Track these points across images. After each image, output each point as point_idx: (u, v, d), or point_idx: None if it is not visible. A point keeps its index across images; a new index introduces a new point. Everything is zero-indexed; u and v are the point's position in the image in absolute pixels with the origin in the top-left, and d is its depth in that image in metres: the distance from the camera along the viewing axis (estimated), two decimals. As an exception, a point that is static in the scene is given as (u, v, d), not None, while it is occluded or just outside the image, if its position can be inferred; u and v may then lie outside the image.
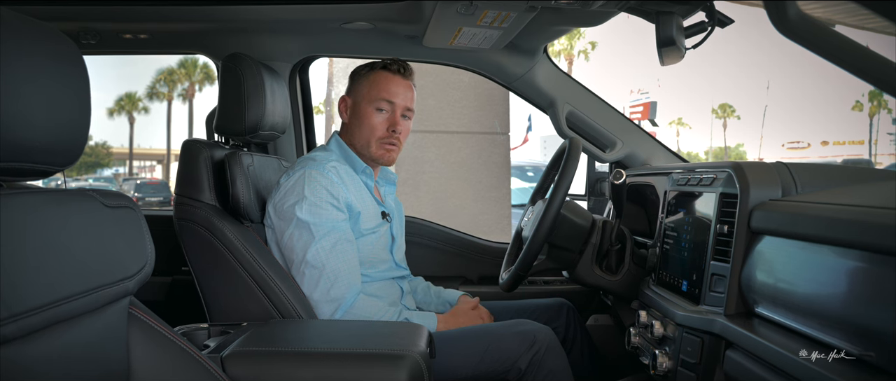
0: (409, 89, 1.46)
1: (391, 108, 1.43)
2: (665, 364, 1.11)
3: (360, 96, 1.46)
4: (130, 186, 21.25)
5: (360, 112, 1.45)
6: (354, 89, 1.48)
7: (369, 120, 1.43)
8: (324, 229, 1.30)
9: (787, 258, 0.88)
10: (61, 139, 0.62)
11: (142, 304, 0.76)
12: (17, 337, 0.55)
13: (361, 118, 1.44)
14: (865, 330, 0.71)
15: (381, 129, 1.43)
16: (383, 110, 1.43)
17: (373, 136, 1.43)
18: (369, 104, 1.43)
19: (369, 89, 1.44)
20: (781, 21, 0.83)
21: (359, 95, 1.46)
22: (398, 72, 1.45)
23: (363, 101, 1.44)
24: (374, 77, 1.45)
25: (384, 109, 1.43)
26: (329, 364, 1.01)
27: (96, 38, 1.69)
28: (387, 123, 1.43)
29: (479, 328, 1.38)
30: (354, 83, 1.49)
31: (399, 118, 1.44)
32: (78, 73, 0.64)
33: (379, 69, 1.46)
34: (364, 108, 1.44)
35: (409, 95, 1.46)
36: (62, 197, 0.64)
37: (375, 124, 1.43)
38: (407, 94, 1.45)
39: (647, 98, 20.82)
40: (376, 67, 1.46)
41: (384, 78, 1.44)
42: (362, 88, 1.45)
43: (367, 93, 1.44)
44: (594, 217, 1.43)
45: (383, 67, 1.46)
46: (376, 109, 1.43)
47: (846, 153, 38.85)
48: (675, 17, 1.29)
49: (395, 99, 1.43)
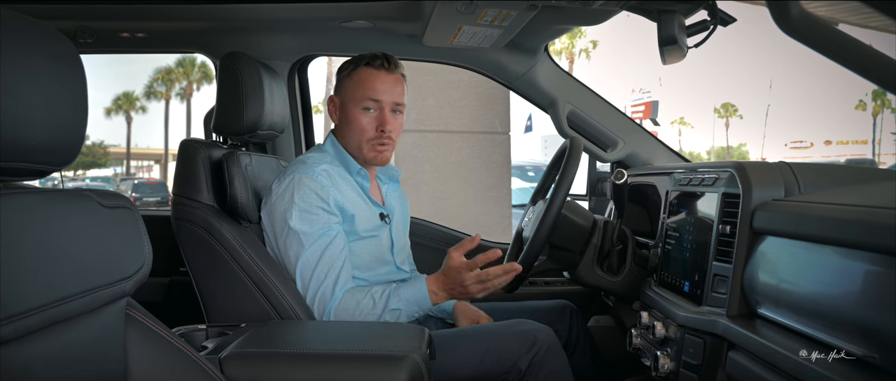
0: (397, 83, 1.39)
1: (378, 106, 1.37)
2: (667, 366, 1.11)
3: (346, 97, 1.39)
4: (128, 185, 21.26)
5: (347, 113, 1.39)
6: (341, 89, 1.42)
7: (357, 122, 1.37)
8: (313, 236, 1.28)
9: (790, 259, 0.87)
10: (58, 139, 0.61)
11: (139, 305, 0.75)
12: (15, 338, 0.55)
13: (349, 120, 1.38)
14: (869, 331, 0.70)
15: (370, 130, 1.37)
16: (370, 110, 1.37)
17: (363, 137, 1.38)
18: (356, 105, 1.37)
19: (354, 89, 1.38)
20: (784, 19, 0.83)
21: (345, 96, 1.40)
22: (382, 66, 1.37)
23: (349, 101, 1.38)
24: (357, 76, 1.38)
25: (371, 107, 1.37)
26: (328, 366, 1.00)
27: (93, 37, 1.69)
28: (375, 123, 1.37)
29: (479, 328, 1.37)
30: (340, 82, 1.43)
31: (388, 116, 1.37)
32: (75, 72, 0.63)
33: (362, 66, 1.38)
34: (351, 108, 1.38)
35: (398, 90, 1.39)
36: (59, 197, 0.64)
37: (363, 126, 1.37)
38: (394, 88, 1.38)
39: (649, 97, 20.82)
40: (360, 63, 1.39)
41: (368, 75, 1.37)
42: (347, 88, 1.39)
43: (353, 93, 1.38)
44: (595, 217, 1.42)
45: (367, 63, 1.38)
46: (363, 110, 1.37)
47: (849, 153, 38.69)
48: (677, 16, 1.28)
49: (381, 97, 1.36)
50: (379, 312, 1.28)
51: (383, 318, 1.28)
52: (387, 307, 1.28)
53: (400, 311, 1.29)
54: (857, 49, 0.81)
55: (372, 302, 1.28)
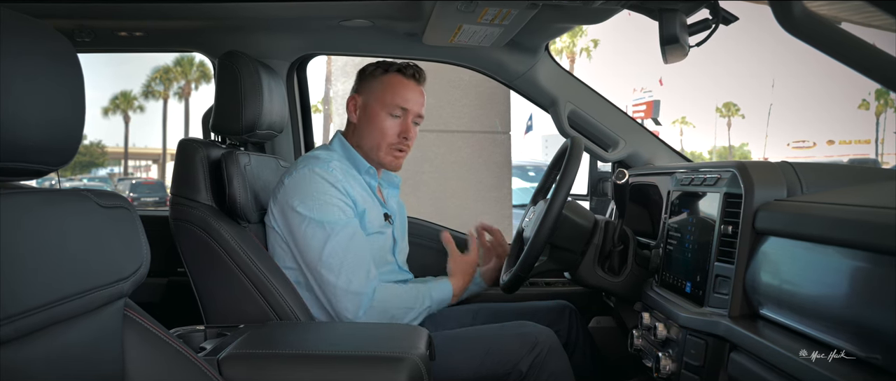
0: (421, 95, 1.46)
1: (405, 114, 1.42)
2: (668, 367, 1.10)
3: (372, 98, 1.43)
4: (126, 185, 21.22)
5: (371, 114, 1.42)
6: (365, 89, 1.45)
7: (381, 124, 1.41)
8: (337, 225, 1.29)
9: (793, 259, 0.87)
10: (56, 138, 0.61)
11: (137, 306, 0.75)
12: (13, 339, 0.54)
13: (373, 121, 1.42)
14: (872, 332, 0.70)
15: (393, 135, 1.42)
16: (397, 116, 1.42)
17: (383, 140, 1.41)
18: (383, 108, 1.41)
19: (383, 93, 1.42)
20: (787, 18, 0.82)
21: (371, 97, 1.43)
22: (413, 77, 1.44)
23: (376, 103, 1.42)
24: (388, 81, 1.43)
25: (398, 115, 1.42)
26: (327, 367, 0.99)
27: (91, 36, 1.68)
28: (399, 129, 1.42)
29: (479, 329, 1.36)
30: (365, 83, 1.46)
31: (411, 125, 1.43)
32: (73, 71, 0.63)
33: (394, 72, 1.43)
34: (376, 111, 1.42)
35: (422, 102, 1.46)
36: (57, 197, 0.63)
37: (387, 129, 1.41)
38: (419, 100, 1.45)
39: (651, 97, 20.83)
40: (391, 69, 1.44)
41: (400, 83, 1.42)
42: (375, 90, 1.43)
43: (381, 96, 1.42)
44: (596, 218, 1.41)
45: (398, 70, 1.44)
46: (390, 115, 1.41)
47: (852, 153, 38.52)
48: (679, 15, 1.27)
49: (409, 106, 1.42)
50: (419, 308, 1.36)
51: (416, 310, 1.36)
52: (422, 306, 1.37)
53: (430, 308, 1.40)
54: (859, 48, 0.81)
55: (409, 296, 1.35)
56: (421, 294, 1.36)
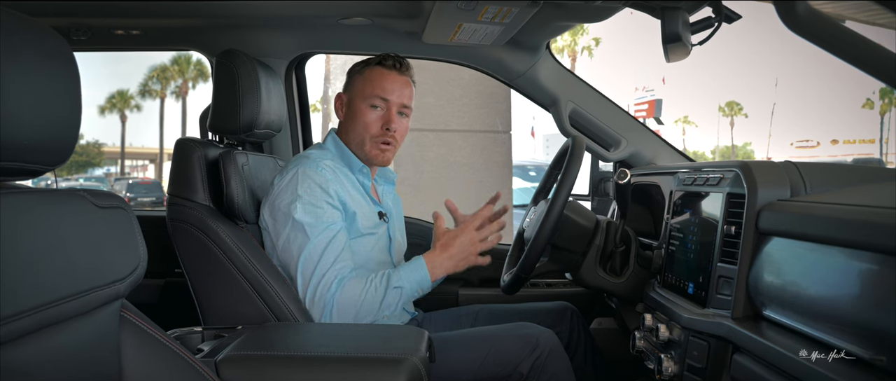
0: (405, 86, 1.42)
1: (386, 105, 1.40)
2: (671, 369, 1.10)
3: (354, 93, 1.43)
4: (122, 185, 21.11)
5: (354, 109, 1.42)
6: (350, 86, 1.45)
7: (363, 117, 1.40)
8: (318, 228, 1.28)
9: (796, 260, 0.86)
10: (52, 138, 0.61)
11: (134, 307, 0.74)
12: (9, 340, 0.54)
13: (355, 115, 1.41)
14: (877, 334, 0.69)
15: (375, 126, 1.40)
16: (377, 107, 1.40)
17: (367, 133, 1.40)
18: (363, 101, 1.40)
19: (364, 86, 1.41)
20: (790, 17, 0.82)
21: (354, 92, 1.43)
22: (394, 67, 1.41)
23: (357, 97, 1.41)
24: (368, 73, 1.42)
25: (378, 105, 1.40)
26: (326, 368, 0.99)
27: (87, 34, 1.67)
28: (381, 121, 1.40)
29: (480, 331, 1.35)
30: (350, 80, 1.46)
31: (394, 116, 1.40)
32: (69, 70, 0.63)
33: (374, 65, 1.42)
34: (358, 105, 1.41)
35: (407, 92, 1.42)
36: (53, 197, 0.63)
37: (369, 122, 1.39)
38: (403, 90, 1.41)
39: (653, 96, 20.83)
40: (372, 63, 1.43)
41: (379, 74, 1.41)
42: (357, 85, 1.43)
43: (361, 90, 1.41)
44: (598, 218, 1.41)
45: (378, 62, 1.42)
46: (370, 106, 1.39)
47: (856, 152, 38.43)
48: (681, 13, 1.26)
49: (389, 96, 1.39)
50: (381, 293, 1.27)
51: (386, 300, 1.27)
52: (389, 286, 1.28)
53: (402, 289, 1.29)
54: (864, 46, 0.80)
55: (373, 286, 1.28)
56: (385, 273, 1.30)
